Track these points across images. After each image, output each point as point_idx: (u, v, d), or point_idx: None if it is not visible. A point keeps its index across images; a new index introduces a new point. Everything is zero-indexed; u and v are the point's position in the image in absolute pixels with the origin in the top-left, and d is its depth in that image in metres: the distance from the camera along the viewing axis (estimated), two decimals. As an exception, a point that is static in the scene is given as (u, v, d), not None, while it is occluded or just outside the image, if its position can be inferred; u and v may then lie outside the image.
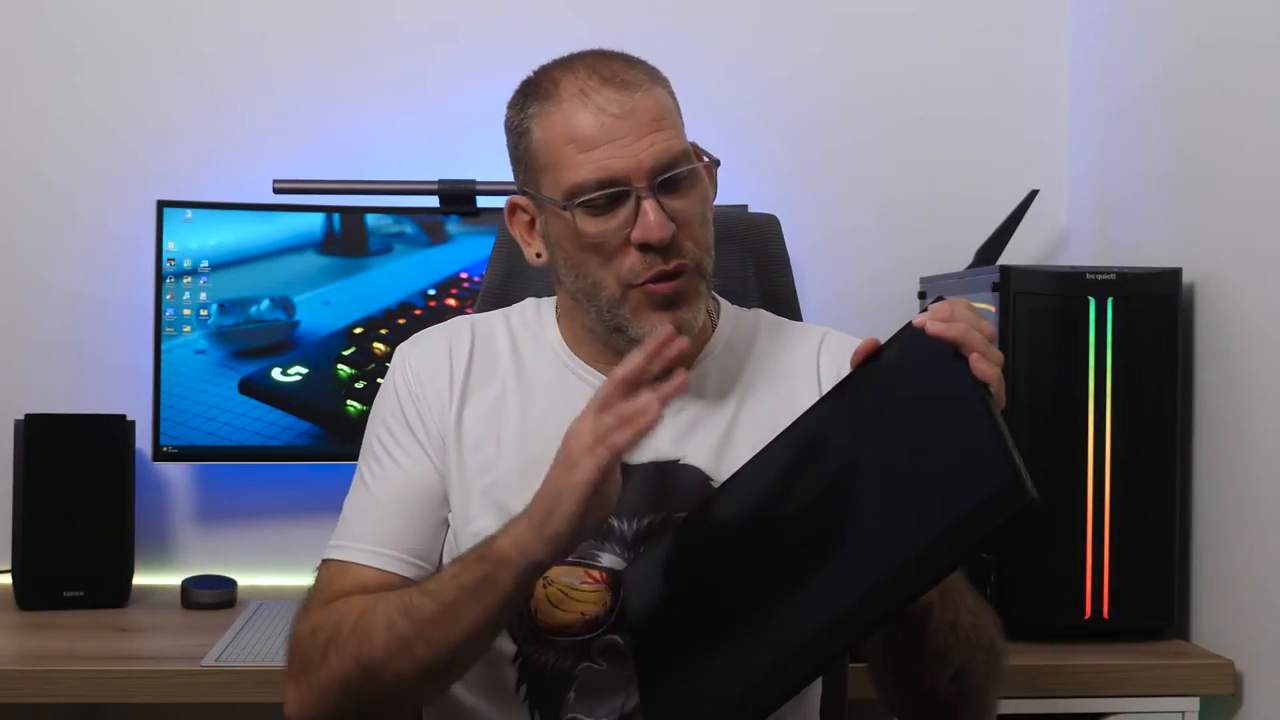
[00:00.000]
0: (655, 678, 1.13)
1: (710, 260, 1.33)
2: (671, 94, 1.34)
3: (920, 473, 1.02)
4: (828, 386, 1.38)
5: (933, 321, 1.11)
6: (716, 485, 1.33)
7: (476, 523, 1.32)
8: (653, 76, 1.33)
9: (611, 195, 1.27)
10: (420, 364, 1.38)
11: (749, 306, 1.50)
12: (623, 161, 1.26)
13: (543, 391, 1.37)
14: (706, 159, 1.33)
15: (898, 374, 1.15)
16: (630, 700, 1.30)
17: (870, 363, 1.18)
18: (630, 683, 1.29)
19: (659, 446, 1.34)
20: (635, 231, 1.27)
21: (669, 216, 1.27)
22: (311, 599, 1.31)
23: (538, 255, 1.37)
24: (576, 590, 1.31)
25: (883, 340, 1.19)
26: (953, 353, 1.09)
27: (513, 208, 1.38)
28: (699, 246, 1.31)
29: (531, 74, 1.36)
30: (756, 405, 1.38)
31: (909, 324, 1.15)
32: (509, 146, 1.37)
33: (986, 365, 1.07)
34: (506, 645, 1.32)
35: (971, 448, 1.00)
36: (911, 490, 1.02)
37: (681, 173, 1.29)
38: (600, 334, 1.35)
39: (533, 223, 1.37)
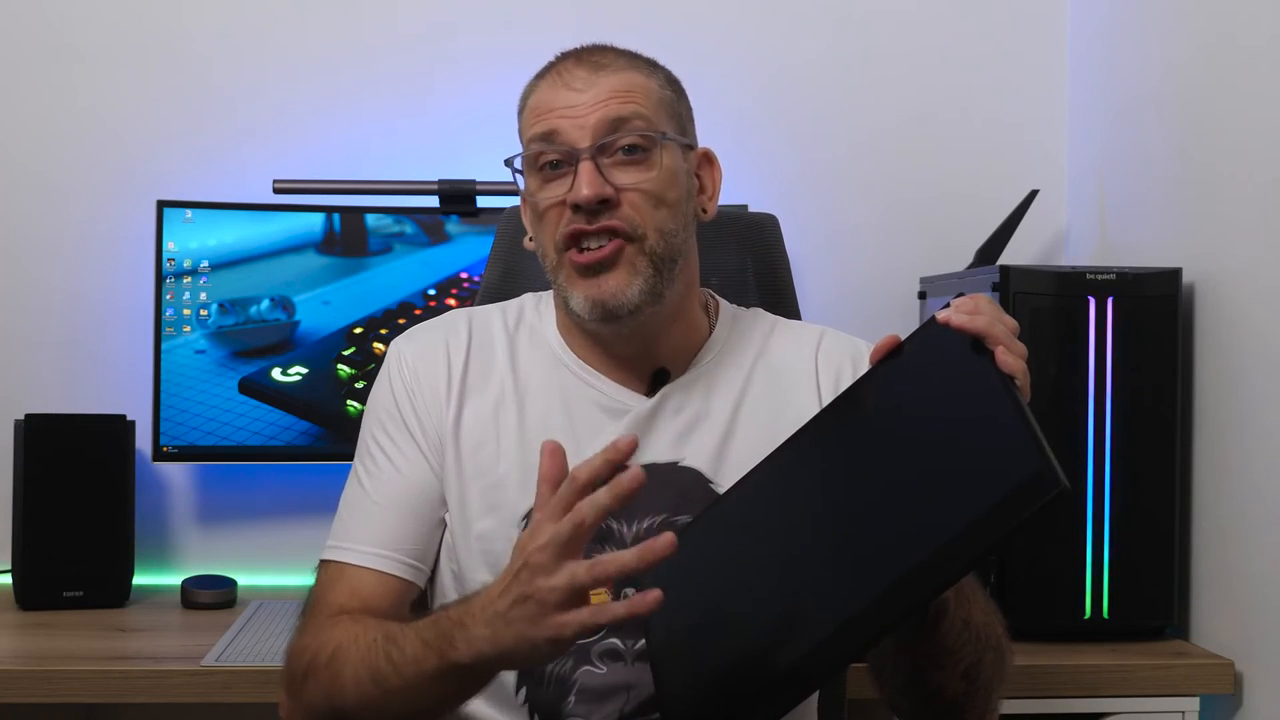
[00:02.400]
0: (672, 677, 1.12)
1: (661, 240, 1.30)
2: (663, 85, 1.35)
3: (950, 464, 1.03)
4: (825, 386, 1.38)
5: (957, 314, 1.11)
6: (715, 487, 1.32)
7: (477, 525, 1.32)
8: (634, 62, 1.34)
9: (557, 158, 1.29)
10: (417, 361, 1.37)
11: (748, 306, 1.50)
12: (569, 123, 1.29)
13: (540, 392, 1.36)
14: (674, 140, 1.33)
15: (920, 368, 1.15)
16: (630, 703, 1.30)
17: (891, 359, 1.18)
18: (629, 686, 1.29)
19: (657, 449, 1.33)
20: (570, 193, 1.28)
21: (608, 182, 1.28)
22: (309, 606, 1.31)
23: (529, 240, 1.39)
24: None
25: (899, 337, 1.19)
26: (976, 347, 1.09)
27: (523, 199, 1.39)
28: (645, 221, 1.29)
29: None
30: (755, 406, 1.37)
31: (931, 319, 1.16)
32: None
33: (1012, 358, 1.07)
34: None
35: (1001, 438, 1.00)
36: (942, 481, 1.02)
37: (621, 138, 1.29)
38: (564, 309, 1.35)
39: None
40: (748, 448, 1.31)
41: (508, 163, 1.35)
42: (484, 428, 1.35)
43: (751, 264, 1.67)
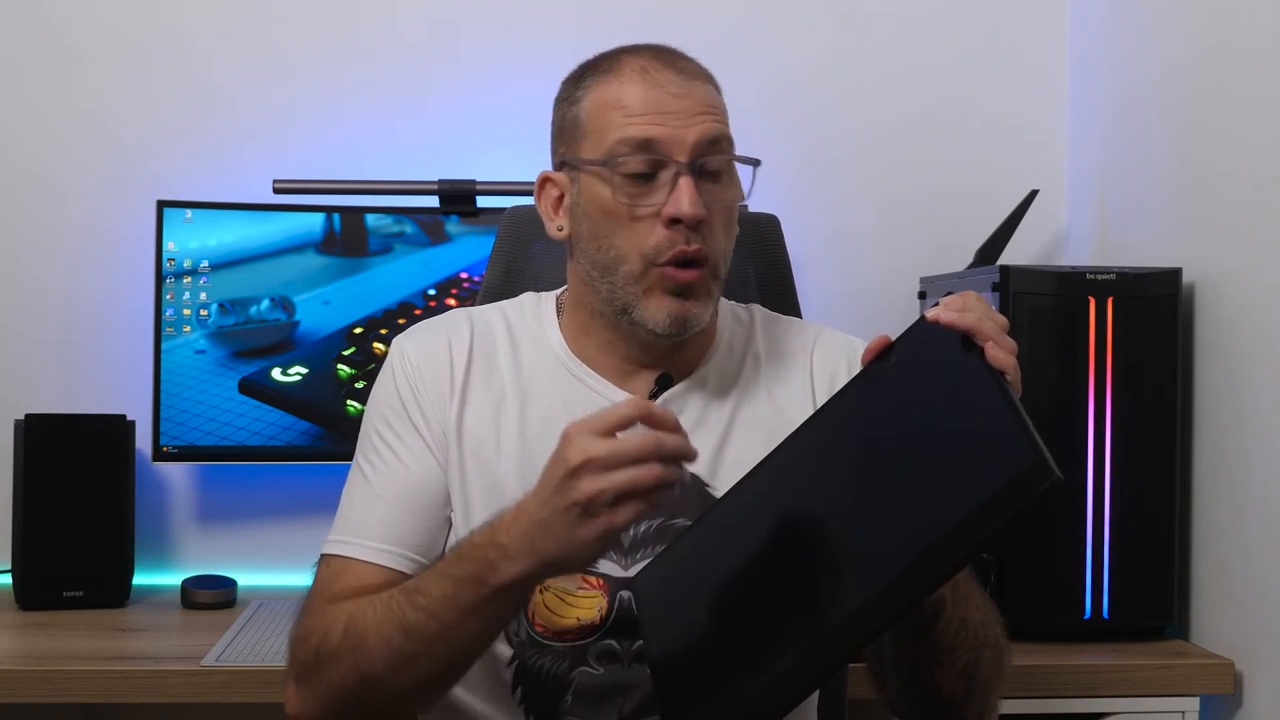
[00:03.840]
0: (672, 678, 1.12)
1: (724, 265, 1.34)
2: (724, 104, 1.36)
3: (943, 460, 1.03)
4: (820, 387, 1.39)
5: (946, 312, 1.11)
6: (712, 490, 1.32)
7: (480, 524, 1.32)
8: (710, 78, 1.35)
9: (651, 163, 1.28)
10: (420, 358, 1.37)
11: (746, 303, 1.50)
12: (668, 132, 1.28)
13: (541, 394, 1.36)
14: (744, 162, 1.35)
15: (912, 367, 1.15)
16: (628, 704, 1.29)
17: (882, 359, 1.18)
18: (627, 687, 1.29)
19: None
20: (668, 206, 1.27)
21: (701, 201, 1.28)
22: (312, 597, 1.30)
23: (559, 229, 1.37)
24: (573, 595, 1.30)
25: (889, 337, 1.20)
26: (966, 344, 1.10)
27: (543, 181, 1.38)
28: (719, 246, 1.32)
29: (590, 59, 1.37)
30: (751, 409, 1.37)
31: (921, 318, 1.16)
32: (553, 120, 1.37)
33: (1002, 353, 1.08)
34: (503, 649, 1.31)
35: (993, 433, 1.00)
36: (936, 478, 1.02)
37: (716, 160, 1.30)
38: (607, 317, 1.33)
39: (561, 199, 1.36)
40: (743, 451, 1.32)
41: (567, 162, 1.33)
42: (485, 427, 1.34)
43: (752, 264, 1.67)
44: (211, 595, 2.08)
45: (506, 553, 1.11)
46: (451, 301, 2.19)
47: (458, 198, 2.18)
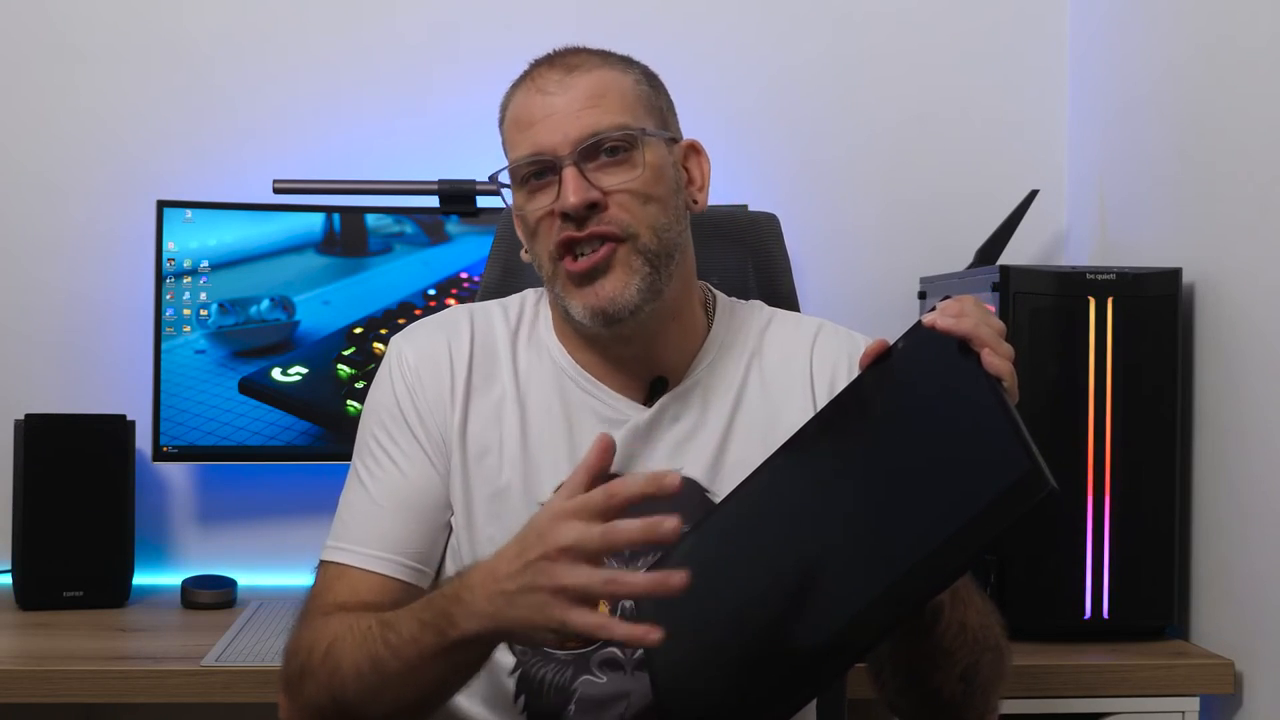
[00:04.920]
0: (670, 684, 1.12)
1: (653, 237, 1.29)
2: (639, 81, 1.33)
3: (938, 469, 1.02)
4: (820, 387, 1.37)
5: (942, 317, 1.11)
6: (712, 496, 1.32)
7: (482, 531, 1.31)
8: (606, 60, 1.33)
9: (540, 167, 1.28)
10: (420, 362, 1.35)
11: (747, 299, 1.49)
12: (551, 136, 1.28)
13: (540, 399, 1.35)
14: (654, 135, 1.31)
15: (909, 373, 1.15)
16: (629, 711, 1.29)
17: (879, 363, 1.17)
18: (628, 695, 1.29)
19: (656, 460, 1.32)
20: (557, 202, 1.27)
21: (594, 186, 1.27)
22: (308, 605, 1.30)
23: (525, 253, 1.37)
24: None
25: (888, 341, 1.19)
26: (963, 349, 1.09)
27: (514, 210, 1.38)
28: (636, 220, 1.28)
29: None
30: (750, 413, 1.36)
31: (918, 323, 1.15)
32: None
33: (998, 360, 1.07)
34: (505, 658, 1.30)
35: (988, 441, 1.00)
36: (931, 486, 1.01)
37: (604, 143, 1.27)
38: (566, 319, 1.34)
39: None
40: (743, 456, 1.30)
41: (492, 179, 1.34)
42: (488, 433, 1.33)
43: (751, 264, 1.67)
44: (211, 595, 2.08)
45: (467, 611, 1.09)
46: (451, 301, 2.19)
47: (458, 198, 2.18)
